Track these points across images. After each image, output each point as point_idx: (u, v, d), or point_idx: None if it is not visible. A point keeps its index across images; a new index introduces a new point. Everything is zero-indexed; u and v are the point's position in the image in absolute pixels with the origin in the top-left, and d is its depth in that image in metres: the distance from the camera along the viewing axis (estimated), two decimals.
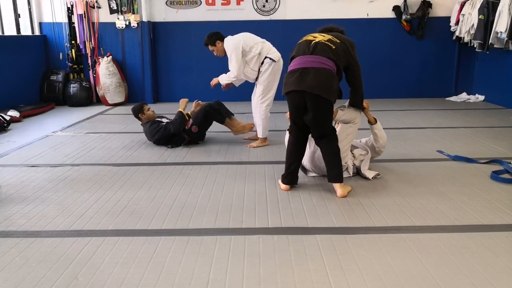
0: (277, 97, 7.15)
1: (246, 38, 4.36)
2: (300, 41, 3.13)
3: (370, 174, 3.42)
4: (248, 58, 4.32)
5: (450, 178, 3.44)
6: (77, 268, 2.14)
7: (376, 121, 3.51)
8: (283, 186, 3.22)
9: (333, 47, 2.95)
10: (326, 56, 2.92)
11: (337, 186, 3.07)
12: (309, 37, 3.08)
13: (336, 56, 2.94)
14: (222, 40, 4.41)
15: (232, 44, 4.31)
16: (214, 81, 4.55)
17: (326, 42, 2.97)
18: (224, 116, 4.62)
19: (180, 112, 4.49)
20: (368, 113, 3.46)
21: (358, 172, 3.50)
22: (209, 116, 4.57)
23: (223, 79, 4.47)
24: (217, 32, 4.46)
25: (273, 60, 4.30)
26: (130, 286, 1.99)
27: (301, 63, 2.96)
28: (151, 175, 3.59)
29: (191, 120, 4.52)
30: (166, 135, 4.43)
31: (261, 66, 4.33)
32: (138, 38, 7.38)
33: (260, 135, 4.49)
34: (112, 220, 2.71)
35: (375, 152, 3.59)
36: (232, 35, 4.40)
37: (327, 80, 2.90)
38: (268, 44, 4.41)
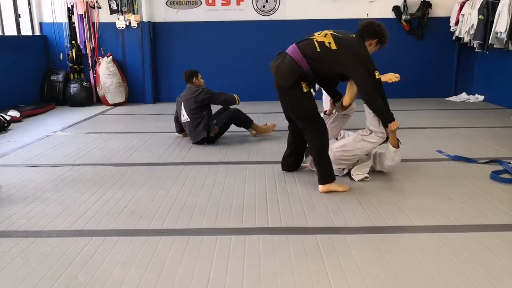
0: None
1: None
2: None
3: (357, 177, 3.37)
4: None
5: (450, 178, 3.44)
6: (77, 268, 2.14)
7: (398, 147, 3.26)
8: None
9: (318, 49, 3.02)
10: (301, 51, 3.04)
11: None
12: (319, 32, 3.16)
13: (315, 57, 3.02)
14: None
15: None
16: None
17: (316, 42, 3.04)
18: (248, 123, 4.79)
19: (233, 96, 4.64)
20: (393, 135, 3.22)
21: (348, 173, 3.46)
22: (233, 121, 4.70)
23: None
24: None
25: None
26: (130, 286, 2.00)
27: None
28: (151, 175, 3.59)
29: (215, 121, 4.59)
30: (217, 99, 4.55)
31: None
32: (138, 38, 7.38)
33: None
34: (112, 220, 2.71)
35: (379, 165, 3.45)
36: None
37: (285, 65, 3.06)
38: None
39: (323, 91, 4.36)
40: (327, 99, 3.97)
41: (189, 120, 4.56)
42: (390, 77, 3.37)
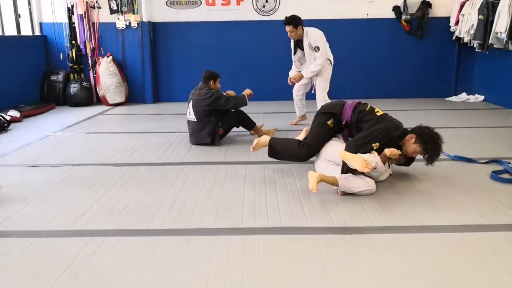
0: (279, 97, 7.19)
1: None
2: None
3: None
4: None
5: (450, 178, 3.44)
6: (77, 268, 2.14)
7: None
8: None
9: (366, 109, 3.40)
10: (355, 104, 3.47)
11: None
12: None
13: (359, 112, 3.37)
14: (302, 26, 4.98)
15: (322, 36, 4.94)
16: (298, 75, 5.09)
17: (369, 106, 3.46)
18: (251, 125, 4.84)
19: (244, 96, 4.69)
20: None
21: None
22: (239, 123, 4.75)
23: (307, 74, 5.04)
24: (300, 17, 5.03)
25: (331, 62, 5.09)
26: (130, 286, 2.00)
27: None
28: (151, 175, 3.59)
29: (220, 123, 4.56)
30: (226, 104, 4.51)
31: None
32: (138, 38, 7.38)
33: None
34: (112, 220, 2.71)
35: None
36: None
37: (333, 102, 3.79)
38: (327, 47, 5.10)
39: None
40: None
41: (195, 120, 4.51)
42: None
